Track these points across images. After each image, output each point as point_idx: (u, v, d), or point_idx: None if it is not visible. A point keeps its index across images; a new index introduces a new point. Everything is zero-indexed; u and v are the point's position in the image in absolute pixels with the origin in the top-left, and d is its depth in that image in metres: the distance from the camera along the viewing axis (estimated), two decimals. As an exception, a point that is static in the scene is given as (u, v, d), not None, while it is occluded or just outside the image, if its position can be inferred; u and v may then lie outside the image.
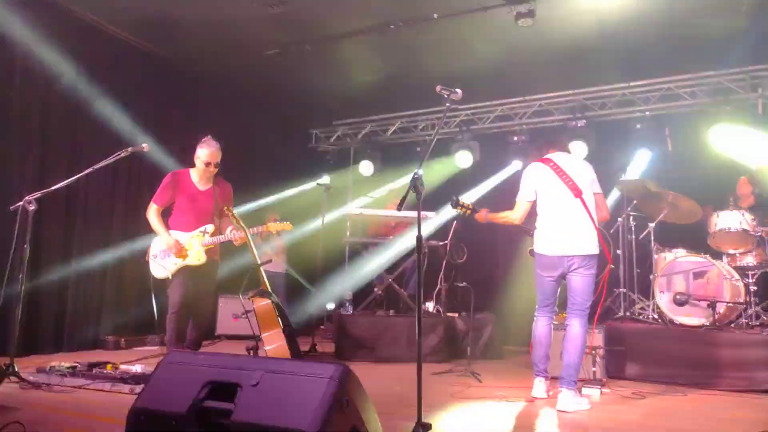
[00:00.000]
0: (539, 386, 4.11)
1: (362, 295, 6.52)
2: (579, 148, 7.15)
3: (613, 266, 4.34)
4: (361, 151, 8.87)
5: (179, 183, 4.68)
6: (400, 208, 2.86)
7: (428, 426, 2.82)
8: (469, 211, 4.22)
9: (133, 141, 5.81)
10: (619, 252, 6.00)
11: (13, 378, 3.81)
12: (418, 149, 8.40)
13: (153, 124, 6.60)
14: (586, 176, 4.05)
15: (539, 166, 4.12)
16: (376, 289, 6.51)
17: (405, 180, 7.77)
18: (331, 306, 7.35)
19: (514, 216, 4.11)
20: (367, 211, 6.41)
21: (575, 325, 3.89)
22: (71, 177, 4.52)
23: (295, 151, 9.09)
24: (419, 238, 3.05)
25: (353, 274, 7.03)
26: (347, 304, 6.15)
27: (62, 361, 4.20)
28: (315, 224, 7.24)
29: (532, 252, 4.14)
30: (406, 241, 6.52)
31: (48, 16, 5.69)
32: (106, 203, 6.31)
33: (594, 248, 3.91)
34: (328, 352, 6.18)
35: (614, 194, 6.50)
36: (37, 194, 4.19)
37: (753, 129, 6.40)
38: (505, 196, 6.91)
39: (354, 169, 8.78)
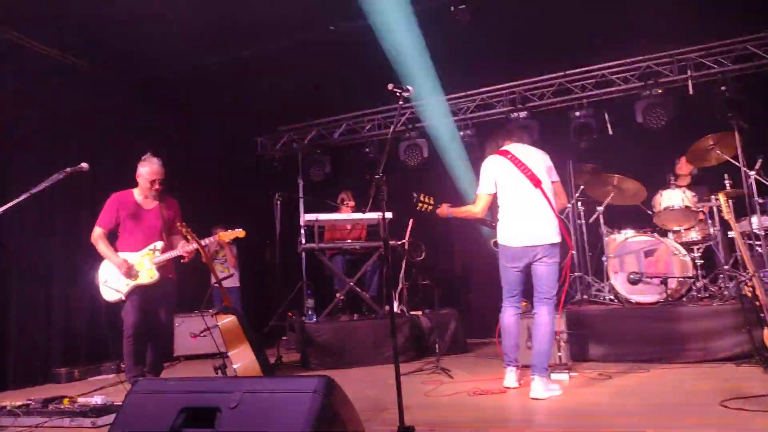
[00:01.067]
0: (510, 376, 4.14)
1: (324, 301, 6.41)
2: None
3: (574, 252, 4.43)
4: (309, 155, 8.75)
5: (123, 204, 4.52)
6: (366, 210, 2.81)
7: (411, 429, 2.78)
8: (430, 207, 4.21)
9: (69, 161, 5.51)
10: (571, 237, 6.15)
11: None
12: (367, 150, 8.35)
13: (88, 141, 6.30)
14: (543, 165, 4.10)
15: (497, 159, 4.14)
16: (338, 295, 6.42)
17: (356, 182, 7.68)
18: (292, 316, 7.20)
19: (475, 209, 4.14)
20: (322, 216, 6.27)
21: (543, 313, 3.94)
22: (5, 203, 4.22)
23: (240, 160, 8.88)
24: (386, 239, 3.03)
25: (312, 282, 6.90)
26: (309, 312, 6.04)
27: (12, 400, 3.92)
28: (269, 234, 7.05)
29: (495, 244, 4.17)
30: (364, 244, 6.44)
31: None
32: (44, 228, 5.95)
33: (556, 237, 3.97)
34: (294, 362, 6.06)
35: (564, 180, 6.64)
36: (-28, 224, 3.91)
37: (685, 109, 6.70)
38: (457, 190, 7.01)
39: (303, 174, 8.64)
